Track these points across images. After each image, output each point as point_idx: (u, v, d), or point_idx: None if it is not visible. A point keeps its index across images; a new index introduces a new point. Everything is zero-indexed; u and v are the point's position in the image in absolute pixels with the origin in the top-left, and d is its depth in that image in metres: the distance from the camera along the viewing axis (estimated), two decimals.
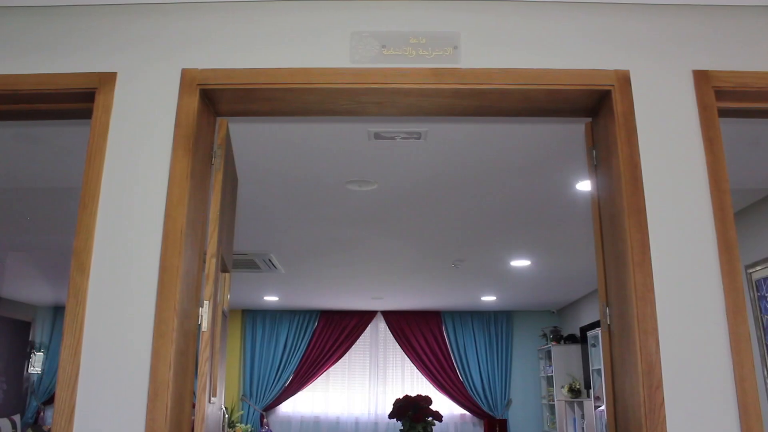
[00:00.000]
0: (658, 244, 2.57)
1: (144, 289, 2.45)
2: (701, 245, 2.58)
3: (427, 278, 8.02)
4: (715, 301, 2.54)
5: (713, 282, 2.55)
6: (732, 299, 2.52)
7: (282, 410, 10.70)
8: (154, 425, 2.33)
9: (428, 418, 4.96)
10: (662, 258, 2.56)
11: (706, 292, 2.55)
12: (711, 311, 2.54)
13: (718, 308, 2.54)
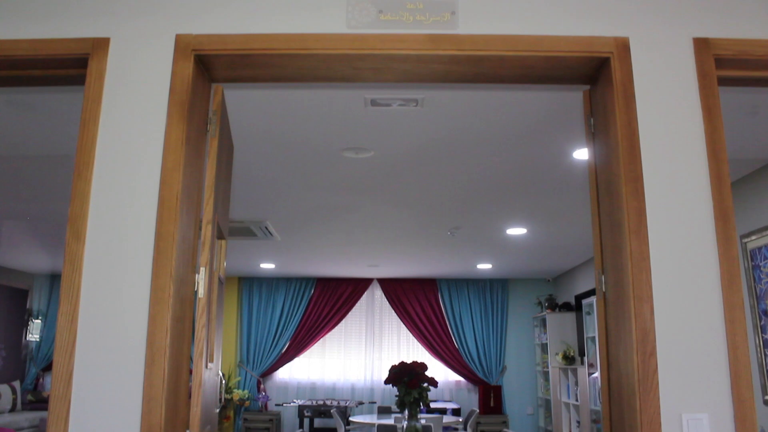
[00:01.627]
0: (655, 212, 2.57)
1: (140, 255, 2.46)
2: (697, 214, 2.59)
3: (423, 246, 8.04)
4: (710, 270, 2.55)
5: (709, 250, 2.56)
6: (727, 268, 2.53)
7: (279, 376, 10.80)
8: (152, 390, 2.34)
9: (423, 384, 5.01)
10: (658, 226, 2.57)
11: (701, 261, 2.56)
12: (706, 279, 2.55)
13: (712, 276, 2.55)
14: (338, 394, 10.65)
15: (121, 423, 2.36)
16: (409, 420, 5.09)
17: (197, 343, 2.47)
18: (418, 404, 5.03)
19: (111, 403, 2.38)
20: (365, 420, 7.90)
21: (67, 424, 2.36)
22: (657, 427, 2.46)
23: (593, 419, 7.58)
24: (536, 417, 10.60)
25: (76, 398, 2.38)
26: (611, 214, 2.70)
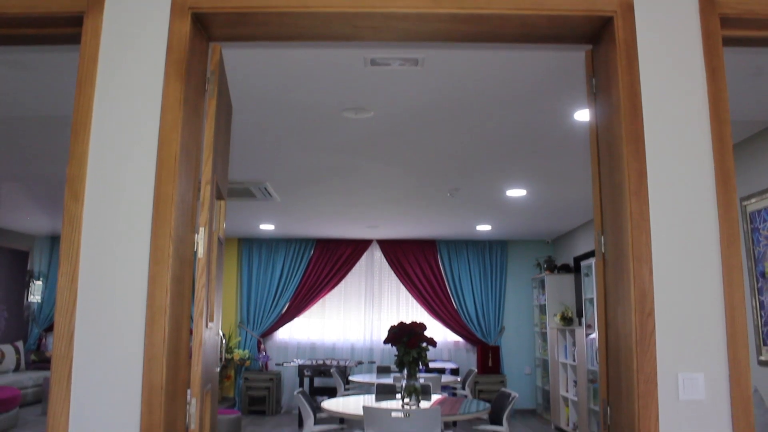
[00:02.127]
0: (656, 173, 2.56)
1: (139, 215, 2.45)
2: (698, 175, 2.58)
3: (423, 207, 8.05)
4: (709, 231, 2.56)
5: (709, 212, 2.56)
6: (726, 230, 2.53)
7: (279, 336, 10.90)
8: (153, 349, 2.36)
9: (422, 343, 5.06)
10: (659, 187, 2.56)
11: (701, 222, 2.56)
12: (705, 241, 2.55)
13: (712, 238, 2.55)
14: (338, 354, 10.77)
15: (123, 382, 2.39)
16: (408, 379, 5.14)
17: (197, 303, 2.48)
18: (417, 364, 5.08)
19: (113, 362, 2.40)
20: (364, 379, 8.00)
21: (70, 382, 2.38)
22: (653, 386, 2.49)
23: (590, 379, 7.68)
24: (534, 377, 10.73)
25: (78, 357, 2.40)
26: (612, 175, 2.69)
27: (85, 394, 2.39)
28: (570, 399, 8.50)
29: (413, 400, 5.06)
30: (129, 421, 2.37)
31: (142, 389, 2.36)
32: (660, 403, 2.50)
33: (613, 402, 2.74)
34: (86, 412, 2.38)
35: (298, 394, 5.29)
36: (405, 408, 4.81)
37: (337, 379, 7.97)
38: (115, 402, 2.39)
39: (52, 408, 2.36)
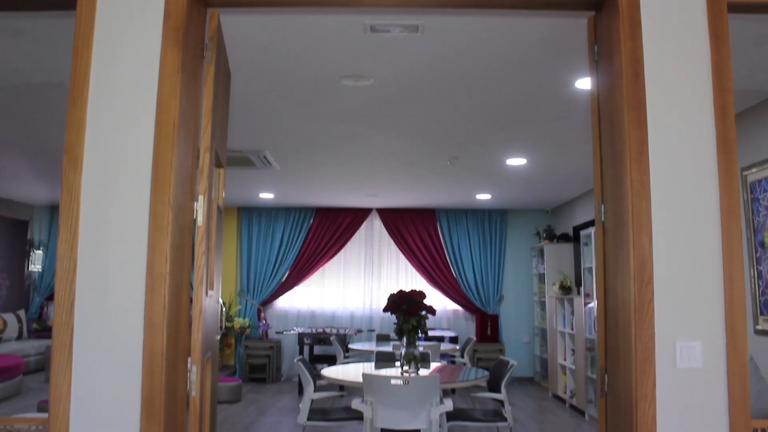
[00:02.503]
0: (657, 142, 2.55)
1: (138, 183, 2.44)
2: (700, 144, 2.56)
3: (423, 176, 8.03)
4: (709, 200, 2.55)
5: (709, 181, 2.55)
6: (727, 199, 2.53)
7: (279, 305, 10.96)
8: (153, 317, 2.37)
9: (422, 312, 5.08)
10: (660, 156, 2.55)
11: (701, 191, 2.56)
12: (705, 210, 2.55)
13: (712, 207, 2.55)
14: (337, 322, 10.83)
15: (124, 349, 2.40)
16: (407, 347, 5.18)
17: (197, 271, 2.48)
18: (416, 332, 5.11)
19: (113, 329, 2.42)
20: (364, 347, 8.06)
21: (71, 350, 2.40)
22: (651, 354, 2.51)
23: (587, 348, 7.74)
24: (532, 345, 10.81)
25: (78, 325, 2.41)
26: (613, 143, 2.68)
27: (86, 361, 2.41)
28: (568, 367, 8.58)
29: (412, 367, 5.11)
30: (130, 388, 2.39)
31: (142, 356, 2.38)
32: (657, 370, 2.52)
33: (611, 369, 2.76)
34: (88, 379, 2.40)
35: (298, 361, 5.33)
36: (404, 375, 4.85)
37: (336, 347, 8.03)
38: (117, 369, 2.40)
39: (54, 375, 2.38)
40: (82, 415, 2.39)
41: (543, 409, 8.47)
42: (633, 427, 2.50)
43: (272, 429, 7.02)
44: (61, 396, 2.37)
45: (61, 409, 2.37)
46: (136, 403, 2.38)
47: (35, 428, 2.52)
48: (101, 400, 2.40)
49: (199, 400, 2.52)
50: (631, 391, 2.52)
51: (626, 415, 2.57)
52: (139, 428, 2.36)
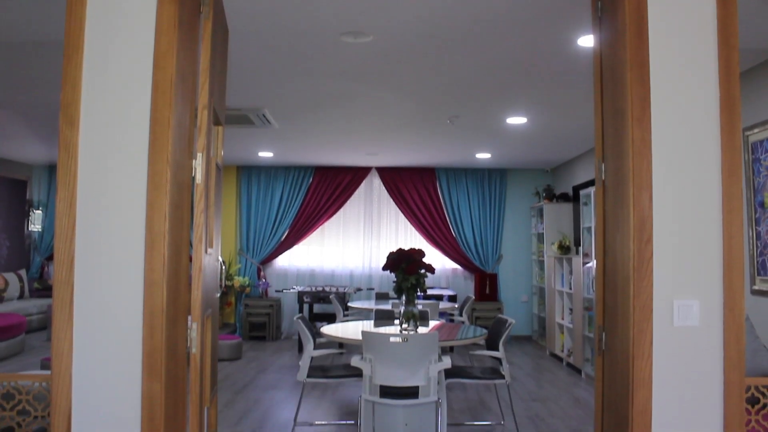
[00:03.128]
0: (659, 100, 2.52)
1: (135, 141, 2.42)
2: (703, 102, 2.54)
3: (422, 134, 7.98)
4: (711, 159, 2.54)
5: (712, 139, 2.53)
6: (728, 158, 2.51)
7: (278, 263, 11.00)
8: (152, 274, 2.38)
9: (421, 270, 5.09)
10: (662, 114, 2.53)
11: (703, 150, 2.54)
12: (706, 169, 2.54)
13: (713, 166, 2.53)
14: (337, 280, 10.89)
15: (124, 306, 2.41)
16: (406, 305, 5.21)
17: (196, 229, 2.48)
18: (415, 290, 5.13)
19: (114, 287, 2.42)
20: (363, 305, 8.12)
21: (72, 307, 2.40)
22: (648, 313, 2.52)
23: (585, 307, 7.79)
24: (530, 304, 10.89)
25: (79, 283, 2.42)
26: (615, 101, 2.65)
27: (87, 319, 2.42)
28: (565, 326, 8.65)
29: (411, 325, 5.15)
30: (131, 345, 2.40)
31: (143, 313, 2.39)
32: (655, 328, 2.54)
33: (609, 328, 2.78)
34: (89, 336, 2.42)
35: (297, 319, 5.37)
36: (403, 333, 4.89)
37: (336, 306, 8.09)
38: (117, 326, 2.42)
39: (56, 332, 2.39)
40: (83, 371, 2.41)
41: (540, 367, 8.57)
42: (629, 384, 2.53)
43: (272, 386, 7.11)
44: (63, 353, 2.39)
45: (63, 365, 2.39)
46: (137, 359, 2.40)
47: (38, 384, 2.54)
48: (102, 356, 2.41)
49: (200, 357, 2.55)
50: (629, 348, 2.54)
51: (623, 373, 2.60)
52: (141, 384, 2.39)
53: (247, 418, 5.77)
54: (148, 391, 2.37)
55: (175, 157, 2.43)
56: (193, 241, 2.50)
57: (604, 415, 2.84)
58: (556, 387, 7.26)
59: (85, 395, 2.41)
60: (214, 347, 3.03)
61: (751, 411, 2.67)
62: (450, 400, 6.23)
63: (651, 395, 2.53)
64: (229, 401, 6.36)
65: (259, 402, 6.35)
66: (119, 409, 2.41)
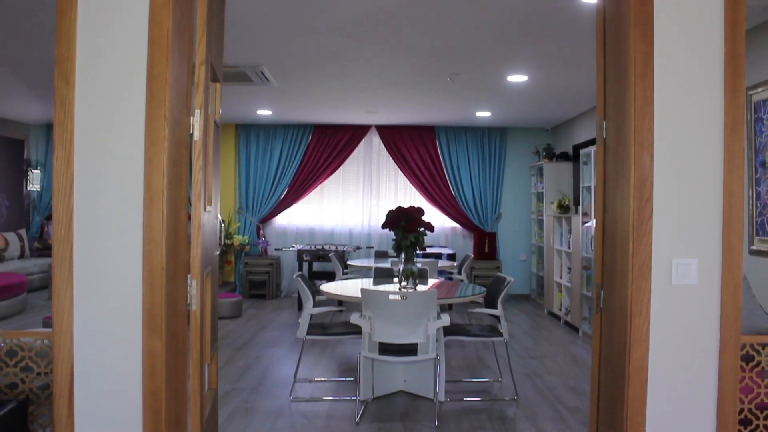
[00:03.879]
0: (663, 56, 2.49)
1: (132, 97, 2.40)
2: (708, 59, 2.51)
3: (422, 92, 7.92)
4: (714, 117, 2.51)
5: (715, 97, 2.51)
6: (731, 116, 2.49)
7: (278, 222, 11.01)
8: (151, 232, 2.37)
9: (420, 228, 5.10)
10: (666, 71, 2.50)
11: (706, 107, 2.51)
12: (709, 126, 2.52)
13: (716, 124, 2.51)
14: (336, 239, 10.91)
15: (124, 264, 2.42)
16: (405, 263, 5.23)
17: (195, 186, 2.47)
18: (414, 248, 5.14)
19: (113, 244, 2.42)
20: (362, 264, 8.15)
21: (72, 265, 2.41)
22: (647, 271, 2.53)
23: (584, 266, 7.82)
24: (529, 263, 10.94)
25: (78, 240, 2.42)
26: (617, 58, 2.62)
27: (87, 276, 2.42)
28: (563, 285, 8.70)
29: (410, 283, 5.17)
30: (131, 302, 2.41)
31: (142, 271, 2.39)
32: (653, 287, 2.55)
33: (607, 286, 2.79)
34: (89, 294, 2.42)
35: (297, 277, 5.39)
36: (402, 291, 4.92)
37: (335, 264, 8.12)
38: (117, 283, 2.42)
39: (56, 290, 2.40)
40: (85, 328, 2.42)
41: (538, 325, 8.65)
42: (627, 341, 2.55)
43: (272, 343, 7.18)
44: (64, 310, 2.40)
45: (65, 322, 2.40)
46: (137, 316, 2.41)
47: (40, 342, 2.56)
48: (103, 313, 2.43)
49: (200, 314, 2.56)
50: (627, 306, 2.55)
51: (620, 331, 2.62)
52: (141, 341, 2.40)
53: (248, 374, 5.83)
54: (149, 348, 2.39)
55: (172, 113, 2.40)
56: (192, 199, 2.49)
57: (601, 372, 2.87)
58: (554, 345, 7.34)
59: (87, 352, 2.43)
60: (214, 305, 3.05)
61: (745, 368, 2.70)
62: (448, 358, 6.30)
63: (648, 352, 2.55)
64: (230, 358, 6.43)
65: (259, 359, 6.42)
66: (121, 365, 2.43)
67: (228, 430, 4.39)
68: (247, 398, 5.11)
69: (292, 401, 5.05)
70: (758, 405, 2.74)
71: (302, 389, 5.39)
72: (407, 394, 5.23)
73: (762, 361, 2.72)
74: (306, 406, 4.94)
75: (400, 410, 4.86)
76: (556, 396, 5.26)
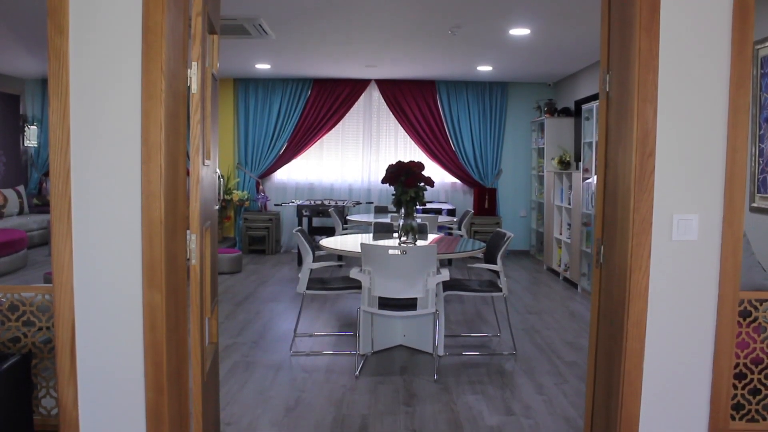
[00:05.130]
0: (669, 7, 2.44)
1: (128, 48, 2.36)
2: (715, 9, 2.45)
3: (423, 46, 7.81)
4: (720, 70, 2.48)
5: (722, 50, 2.46)
6: (738, 70, 2.45)
7: (277, 177, 10.97)
8: (150, 186, 2.36)
9: (420, 183, 5.08)
10: (671, 22, 2.45)
11: (712, 60, 2.47)
12: (714, 80, 2.48)
13: (722, 78, 2.48)
14: (336, 194, 10.90)
15: (123, 218, 2.40)
16: (405, 219, 5.22)
17: (193, 140, 2.44)
18: (414, 203, 5.13)
19: (111, 198, 2.41)
20: (362, 219, 8.15)
21: (70, 220, 2.40)
22: (648, 226, 2.52)
23: (584, 222, 7.82)
24: (528, 219, 10.95)
25: (76, 195, 2.40)
26: (622, 9, 2.56)
27: (86, 231, 2.41)
28: (563, 241, 8.72)
29: (410, 238, 5.17)
30: (131, 256, 2.41)
31: (141, 225, 2.39)
32: (653, 242, 2.55)
33: (607, 241, 2.78)
34: (89, 248, 2.42)
35: (296, 232, 5.39)
36: (402, 246, 4.92)
37: (335, 219, 8.12)
38: (117, 237, 2.42)
39: (55, 245, 2.40)
40: (85, 283, 2.43)
41: (537, 281, 8.69)
42: (626, 296, 2.56)
43: (272, 298, 7.22)
44: (64, 265, 2.40)
45: (65, 277, 2.40)
46: (137, 270, 2.41)
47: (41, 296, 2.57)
48: (103, 268, 2.43)
49: (200, 268, 2.56)
50: (626, 261, 2.55)
51: (620, 286, 2.62)
52: (142, 295, 2.41)
53: (248, 329, 5.88)
54: (149, 302, 2.39)
55: (169, 65, 2.36)
56: (190, 153, 2.46)
57: (599, 327, 2.89)
58: (552, 300, 7.39)
59: (87, 306, 2.43)
60: (213, 259, 3.05)
61: (742, 324, 2.72)
62: (447, 313, 6.34)
63: (646, 308, 2.56)
64: (230, 313, 6.47)
65: (259, 314, 6.46)
66: (122, 319, 2.44)
67: (229, 383, 4.44)
68: (248, 352, 5.16)
69: (292, 355, 5.10)
70: (753, 360, 2.76)
71: (302, 343, 5.44)
72: (406, 349, 5.28)
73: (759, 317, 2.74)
74: (306, 360, 4.99)
75: (399, 364, 4.91)
76: (554, 351, 5.31)
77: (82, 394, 2.45)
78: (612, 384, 2.69)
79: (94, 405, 2.47)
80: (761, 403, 2.76)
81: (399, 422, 3.83)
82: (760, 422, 2.76)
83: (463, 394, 4.29)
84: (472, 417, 3.92)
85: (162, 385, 2.41)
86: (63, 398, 2.44)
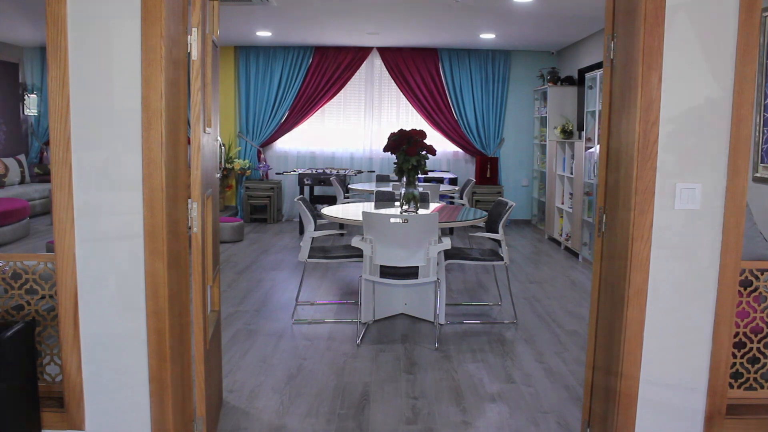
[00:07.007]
0: None
1: (127, 13, 2.33)
2: None
3: (425, 13, 7.72)
4: (727, 37, 2.44)
5: (729, 17, 2.43)
6: (745, 37, 2.42)
7: (278, 146, 10.94)
8: (150, 153, 2.35)
9: (422, 151, 5.05)
10: None
11: (719, 26, 2.44)
12: (721, 47, 2.45)
13: (729, 45, 2.45)
14: (337, 163, 10.87)
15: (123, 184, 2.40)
16: (406, 187, 5.21)
17: (193, 107, 2.43)
18: (416, 172, 5.11)
19: (112, 166, 2.40)
20: (364, 188, 8.14)
21: (71, 187, 2.39)
22: (650, 196, 2.51)
23: (585, 191, 7.80)
24: (530, 188, 10.92)
25: (76, 162, 2.39)
26: None
27: (86, 197, 2.41)
28: (565, 210, 8.71)
29: (412, 207, 5.17)
30: (132, 223, 2.41)
31: (142, 192, 2.38)
32: (655, 211, 2.54)
33: (610, 210, 2.78)
34: (90, 215, 2.42)
35: (298, 200, 5.39)
36: (403, 214, 4.92)
37: (336, 188, 8.11)
38: (118, 204, 2.41)
39: (57, 213, 2.39)
40: (87, 250, 2.43)
41: (538, 250, 8.70)
42: (627, 265, 2.56)
43: (274, 267, 7.25)
44: (65, 232, 2.40)
45: (66, 244, 2.40)
46: (138, 237, 2.41)
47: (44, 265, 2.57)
48: (105, 236, 2.43)
49: (201, 236, 2.56)
50: (629, 230, 2.55)
51: (621, 254, 2.62)
52: (143, 263, 2.41)
53: (250, 297, 5.91)
54: (151, 269, 2.40)
55: (169, 32, 2.34)
56: (191, 120, 2.45)
57: (600, 296, 2.89)
58: (553, 270, 7.40)
59: (89, 274, 2.44)
60: (215, 227, 3.05)
61: (743, 293, 2.72)
62: (449, 281, 6.36)
63: (648, 277, 2.56)
64: (232, 281, 6.50)
65: (261, 282, 6.49)
66: (124, 287, 2.45)
67: (231, 351, 4.47)
68: (250, 320, 5.19)
69: (294, 323, 5.13)
70: (753, 329, 2.77)
71: (304, 312, 5.47)
72: (408, 317, 5.31)
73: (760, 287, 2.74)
74: (308, 329, 5.02)
75: (400, 332, 4.94)
76: (555, 319, 5.34)
77: (86, 361, 2.47)
78: (612, 353, 2.70)
79: (98, 372, 2.49)
80: (759, 372, 2.78)
81: (400, 390, 3.87)
82: (757, 390, 2.78)
83: (463, 363, 4.33)
84: (472, 385, 3.95)
85: (164, 352, 2.43)
86: (66, 365, 2.46)
